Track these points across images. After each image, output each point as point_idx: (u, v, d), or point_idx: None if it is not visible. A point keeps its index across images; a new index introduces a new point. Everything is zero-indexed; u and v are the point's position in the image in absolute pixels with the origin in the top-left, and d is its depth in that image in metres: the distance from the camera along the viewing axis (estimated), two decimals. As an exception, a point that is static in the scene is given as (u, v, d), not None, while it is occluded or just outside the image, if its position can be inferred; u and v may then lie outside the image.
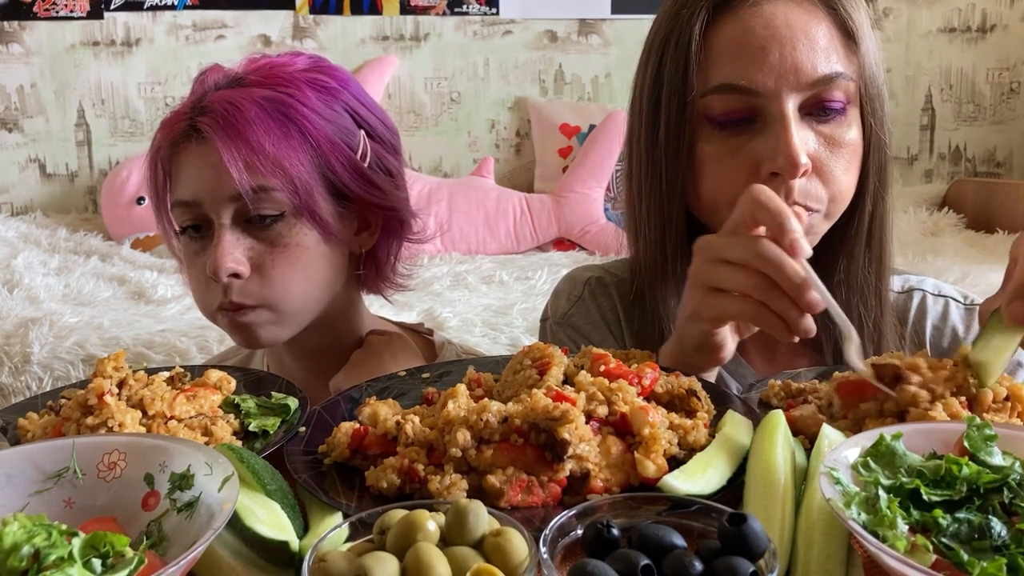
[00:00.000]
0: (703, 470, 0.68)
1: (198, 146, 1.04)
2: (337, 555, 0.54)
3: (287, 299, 1.07)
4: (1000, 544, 0.55)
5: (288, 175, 1.03)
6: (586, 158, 3.34)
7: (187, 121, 1.06)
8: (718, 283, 0.84)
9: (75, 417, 0.78)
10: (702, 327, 0.87)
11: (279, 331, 1.09)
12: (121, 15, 3.45)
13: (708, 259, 0.85)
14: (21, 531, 0.55)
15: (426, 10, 3.58)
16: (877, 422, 0.74)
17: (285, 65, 1.10)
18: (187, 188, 1.06)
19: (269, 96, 1.05)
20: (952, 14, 3.75)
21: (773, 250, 0.79)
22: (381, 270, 1.19)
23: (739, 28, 0.97)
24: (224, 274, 1.02)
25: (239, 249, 1.04)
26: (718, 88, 0.97)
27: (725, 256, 0.83)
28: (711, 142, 0.99)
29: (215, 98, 1.05)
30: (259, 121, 1.03)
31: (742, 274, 0.81)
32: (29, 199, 3.49)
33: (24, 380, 2.04)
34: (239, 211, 1.04)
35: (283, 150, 1.03)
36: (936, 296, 1.16)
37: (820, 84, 0.96)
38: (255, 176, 1.02)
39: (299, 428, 0.81)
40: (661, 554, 0.53)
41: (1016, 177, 3.79)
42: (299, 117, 1.05)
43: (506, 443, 0.70)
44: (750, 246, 0.81)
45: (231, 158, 1.00)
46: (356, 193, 1.10)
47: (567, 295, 1.21)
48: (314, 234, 1.07)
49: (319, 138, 1.06)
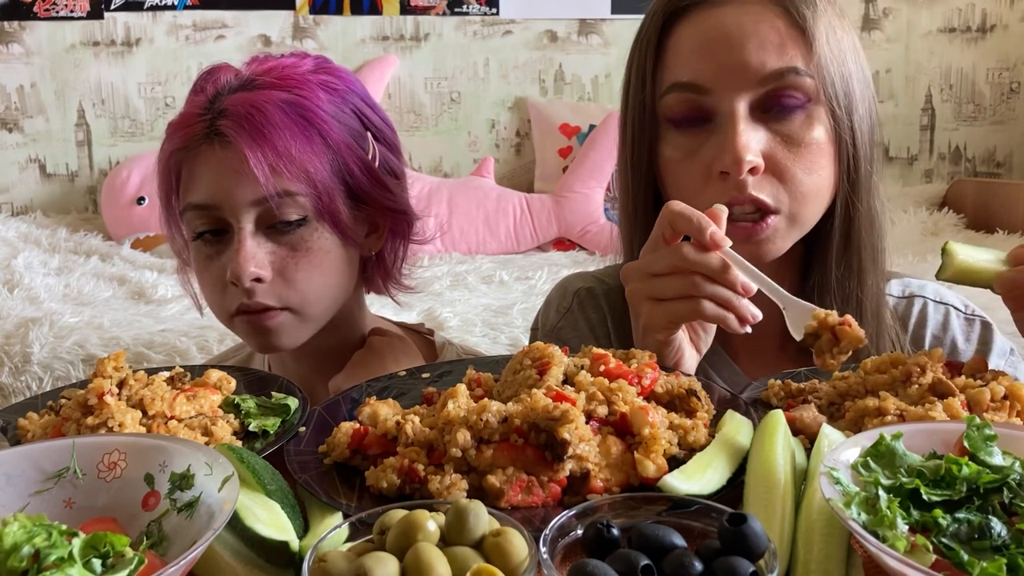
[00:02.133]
0: (703, 470, 0.68)
1: (221, 149, 1.02)
2: (337, 555, 0.54)
3: (311, 302, 1.07)
4: (1000, 544, 0.55)
5: (312, 180, 1.03)
6: (586, 158, 3.34)
7: (205, 123, 1.04)
8: (657, 294, 0.88)
9: (75, 417, 0.78)
10: (658, 337, 0.90)
11: (300, 334, 1.09)
12: (121, 15, 3.45)
13: (639, 279, 0.90)
14: (21, 531, 0.55)
15: (426, 10, 3.58)
16: (877, 422, 0.74)
17: (295, 67, 1.09)
18: (204, 191, 1.04)
19: (287, 99, 1.04)
20: (952, 14, 3.75)
21: (691, 249, 0.86)
22: (388, 271, 1.19)
23: (693, 30, 1.00)
24: (247, 279, 1.01)
25: (260, 253, 1.03)
26: (671, 88, 1.00)
27: (653, 270, 0.88)
28: (671, 144, 1.02)
29: (234, 100, 1.03)
30: (283, 125, 1.02)
31: (674, 279, 0.87)
32: (29, 199, 3.49)
33: (24, 380, 2.04)
34: (261, 216, 1.03)
35: (307, 154, 1.03)
36: (937, 303, 1.15)
37: (770, 80, 0.96)
38: (280, 180, 1.01)
39: (299, 428, 0.81)
40: (661, 554, 0.53)
41: (1016, 177, 3.79)
42: (318, 121, 1.05)
43: (506, 443, 0.70)
44: (672, 253, 0.87)
45: (257, 162, 0.99)
46: (371, 196, 1.10)
47: (556, 306, 1.21)
48: (334, 238, 1.07)
49: (338, 142, 1.06)
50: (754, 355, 1.11)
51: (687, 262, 0.85)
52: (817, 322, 0.83)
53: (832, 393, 0.83)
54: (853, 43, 1.02)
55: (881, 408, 0.75)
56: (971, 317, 1.14)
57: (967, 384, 0.78)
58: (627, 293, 0.92)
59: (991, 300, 0.89)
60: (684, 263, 0.86)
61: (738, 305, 0.85)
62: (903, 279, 1.17)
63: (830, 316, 0.83)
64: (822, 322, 0.83)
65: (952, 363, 0.84)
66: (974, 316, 1.15)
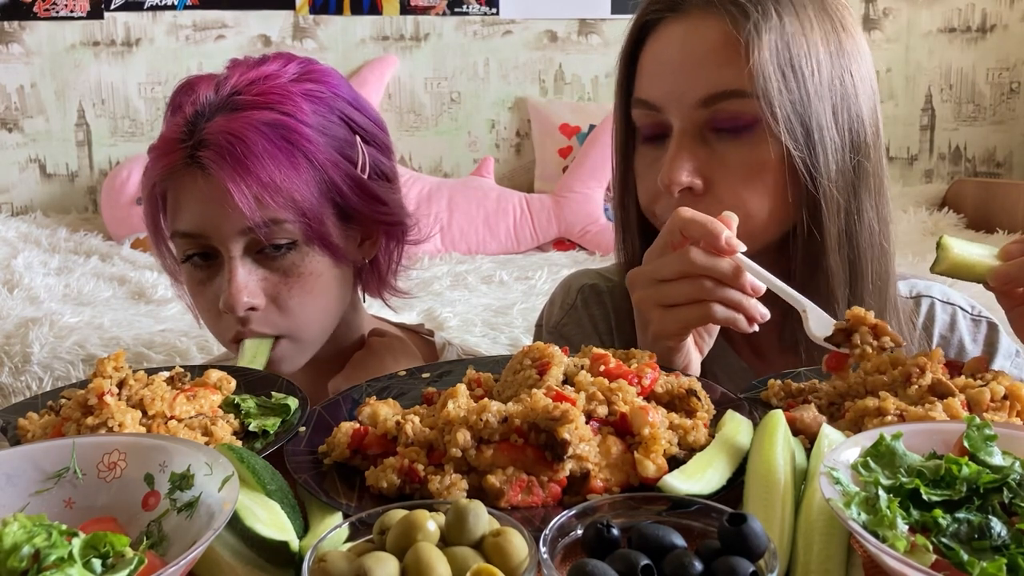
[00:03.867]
0: (703, 470, 0.68)
1: (203, 180, 1.00)
2: (337, 555, 0.54)
3: (307, 327, 1.06)
4: (1000, 544, 0.55)
5: (299, 206, 1.01)
6: (586, 158, 3.34)
7: (185, 152, 1.01)
8: (667, 300, 0.87)
9: (75, 417, 0.78)
10: (669, 344, 0.90)
11: (300, 359, 1.09)
12: (121, 15, 3.45)
13: (646, 284, 0.89)
14: (21, 531, 0.55)
15: (426, 10, 3.58)
16: (877, 422, 0.74)
17: (276, 76, 1.06)
18: (190, 220, 1.02)
19: (270, 121, 1.01)
20: (952, 14, 3.75)
21: (701, 253, 0.85)
22: (383, 276, 1.18)
23: (655, 46, 1.01)
24: (241, 309, 1.01)
25: (253, 281, 1.02)
26: (634, 103, 1.03)
27: (661, 276, 0.87)
28: (640, 155, 1.05)
29: (214, 128, 1.00)
30: (266, 153, 0.99)
31: (684, 284, 0.86)
32: (29, 199, 3.49)
33: (24, 380, 2.04)
34: (250, 243, 1.02)
35: (292, 181, 1.00)
36: (944, 304, 1.14)
37: (713, 103, 0.95)
38: (266, 210, 0.99)
39: (299, 428, 0.81)
40: (661, 554, 0.53)
41: (1016, 177, 3.79)
42: (303, 142, 1.02)
43: (506, 443, 0.70)
44: (680, 257, 0.86)
45: (241, 196, 0.97)
46: (361, 212, 1.09)
47: (560, 303, 1.21)
48: (326, 259, 1.06)
49: (324, 161, 1.04)
50: (754, 350, 1.11)
51: (696, 266, 0.85)
52: (853, 318, 0.84)
53: (832, 393, 0.83)
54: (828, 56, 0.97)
55: (881, 408, 0.75)
56: (977, 318, 1.14)
57: (967, 384, 0.78)
58: (634, 300, 0.92)
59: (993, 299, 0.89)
60: (693, 268, 0.85)
61: (748, 306, 0.85)
62: (909, 280, 1.16)
63: (868, 314, 0.84)
64: (859, 318, 0.83)
65: (952, 363, 0.84)
66: (980, 317, 1.14)
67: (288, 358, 1.07)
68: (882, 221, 1.02)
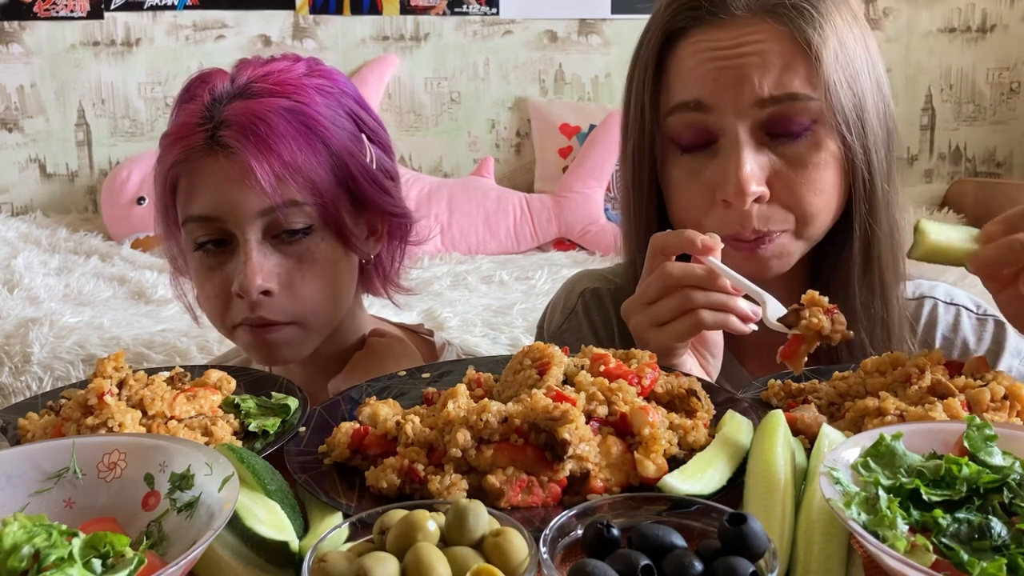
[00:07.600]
0: (703, 470, 0.68)
1: (224, 160, 1.00)
2: (337, 555, 0.54)
3: (316, 314, 1.07)
4: (1000, 544, 0.55)
5: (318, 189, 1.02)
6: (586, 158, 3.34)
7: (205, 133, 1.02)
8: (657, 319, 0.89)
9: (75, 417, 0.78)
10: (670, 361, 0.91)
11: (304, 347, 1.09)
12: (121, 15, 3.45)
13: (637, 311, 0.92)
14: (21, 531, 0.55)
15: (426, 10, 3.58)
16: (877, 422, 0.74)
17: (289, 71, 1.07)
18: (206, 203, 1.02)
19: (288, 107, 1.02)
20: (952, 14, 3.75)
21: (674, 265, 0.88)
22: (386, 274, 1.19)
23: (694, 48, 0.99)
24: (255, 292, 1.00)
25: (267, 265, 1.02)
26: (675, 108, 1.00)
27: (648, 299, 0.90)
28: (677, 165, 1.02)
29: (235, 110, 1.01)
30: (287, 134, 1.00)
31: (669, 300, 0.88)
32: (29, 199, 3.49)
33: (24, 380, 2.04)
34: (266, 226, 1.02)
35: (312, 163, 1.02)
36: (948, 304, 1.14)
37: (772, 104, 0.95)
38: (287, 190, 1.00)
39: (299, 428, 0.81)
40: (661, 554, 0.53)
41: (1016, 177, 3.79)
42: (320, 128, 1.04)
43: (506, 443, 0.70)
44: (658, 275, 0.89)
45: (264, 173, 0.98)
46: (372, 200, 1.09)
47: (561, 308, 1.21)
48: (338, 247, 1.07)
49: (339, 148, 1.05)
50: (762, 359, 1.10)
51: (673, 278, 0.87)
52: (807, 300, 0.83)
53: (832, 393, 0.83)
54: (867, 52, 1.00)
55: (881, 408, 0.75)
56: (983, 317, 1.13)
57: (967, 384, 0.78)
58: (631, 328, 0.93)
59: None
60: (671, 279, 0.88)
61: (734, 305, 0.86)
62: (913, 280, 1.15)
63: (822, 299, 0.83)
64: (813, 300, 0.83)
65: (952, 363, 0.84)
66: (986, 316, 1.13)
67: (292, 345, 1.07)
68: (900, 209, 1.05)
